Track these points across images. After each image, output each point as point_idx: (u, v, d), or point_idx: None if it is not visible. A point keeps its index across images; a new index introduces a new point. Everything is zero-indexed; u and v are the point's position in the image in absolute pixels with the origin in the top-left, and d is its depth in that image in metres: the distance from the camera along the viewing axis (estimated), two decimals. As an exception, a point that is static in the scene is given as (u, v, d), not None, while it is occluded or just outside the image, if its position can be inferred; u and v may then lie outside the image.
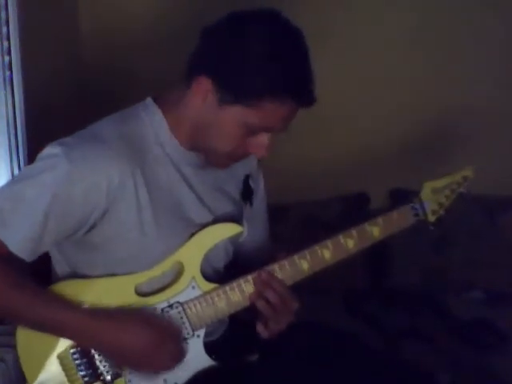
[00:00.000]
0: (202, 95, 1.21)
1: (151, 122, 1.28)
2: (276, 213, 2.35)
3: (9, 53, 1.78)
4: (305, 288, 1.33)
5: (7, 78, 1.79)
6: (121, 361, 1.25)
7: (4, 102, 1.80)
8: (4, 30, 1.77)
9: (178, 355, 1.26)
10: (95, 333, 1.20)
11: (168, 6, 2.34)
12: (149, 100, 1.31)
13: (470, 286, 2.37)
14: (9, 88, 1.80)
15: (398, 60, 2.48)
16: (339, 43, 2.35)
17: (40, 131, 1.88)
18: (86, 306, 1.24)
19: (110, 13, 2.35)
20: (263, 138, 1.23)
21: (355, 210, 2.53)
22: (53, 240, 1.22)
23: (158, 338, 1.22)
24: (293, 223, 2.45)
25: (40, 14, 1.96)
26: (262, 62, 1.16)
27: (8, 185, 1.29)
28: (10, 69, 1.79)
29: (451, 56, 2.49)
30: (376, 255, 2.25)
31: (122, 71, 2.34)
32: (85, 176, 1.18)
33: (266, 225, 1.51)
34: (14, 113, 1.82)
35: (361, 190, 2.57)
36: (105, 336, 1.20)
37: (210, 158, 1.28)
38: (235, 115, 1.20)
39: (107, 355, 1.25)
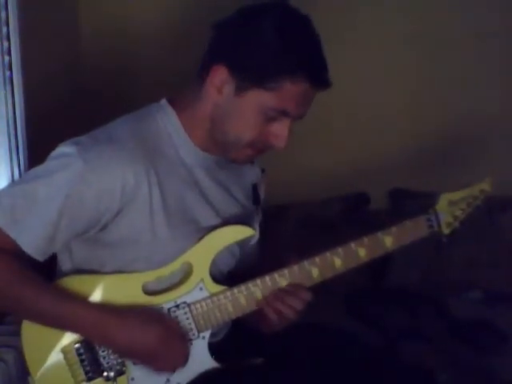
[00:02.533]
0: (217, 87, 1.22)
1: (165, 124, 1.28)
2: (276, 213, 2.37)
3: (9, 53, 1.78)
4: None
5: (7, 78, 1.79)
6: (128, 357, 1.26)
7: (4, 102, 1.80)
8: (4, 30, 1.77)
9: (184, 357, 1.27)
10: (106, 328, 1.20)
11: (168, 9, 2.34)
12: (163, 101, 1.31)
13: (469, 286, 2.37)
14: (9, 88, 1.80)
15: (398, 61, 2.48)
16: (339, 44, 2.35)
17: (40, 131, 1.88)
18: (94, 301, 1.24)
19: (109, 14, 2.35)
20: (282, 128, 1.23)
21: (355, 210, 2.54)
22: (64, 240, 1.22)
23: (168, 337, 1.23)
24: (293, 223, 2.45)
25: (40, 14, 1.95)
26: (278, 44, 1.18)
27: (19, 183, 1.28)
28: (10, 69, 1.79)
29: (451, 57, 2.49)
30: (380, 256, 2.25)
31: (121, 71, 2.34)
32: (99, 178, 1.18)
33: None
34: (14, 113, 1.82)
35: (361, 190, 2.57)
36: (116, 332, 1.20)
37: (231, 152, 1.28)
38: (254, 101, 1.20)
39: (115, 350, 1.25)
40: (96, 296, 1.24)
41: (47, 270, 1.30)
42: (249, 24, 1.20)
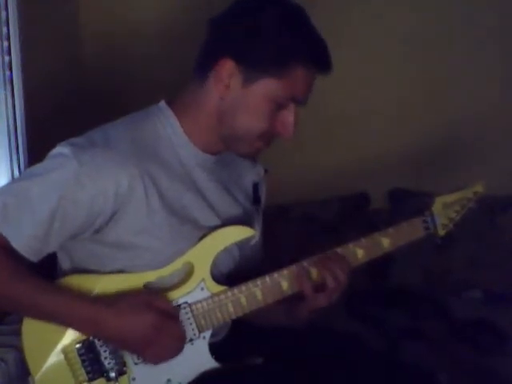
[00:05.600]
0: (224, 82, 1.22)
1: (164, 126, 1.28)
2: (276, 213, 2.36)
3: (9, 53, 1.78)
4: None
5: (7, 78, 1.79)
6: (124, 348, 1.25)
7: (4, 102, 1.80)
8: (4, 29, 1.77)
9: (180, 342, 1.25)
10: (97, 320, 1.20)
11: (169, 9, 2.34)
12: (162, 103, 1.31)
13: (470, 286, 2.37)
14: (9, 88, 1.80)
15: (399, 61, 2.48)
16: (338, 44, 2.35)
17: (40, 131, 1.88)
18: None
19: (109, 14, 2.35)
20: (289, 116, 1.25)
21: (355, 210, 2.54)
22: (58, 241, 1.22)
23: (162, 322, 1.21)
24: (293, 223, 2.45)
25: (40, 14, 1.96)
26: (285, 32, 1.20)
27: (15, 181, 1.28)
28: (10, 69, 1.79)
29: (451, 57, 2.49)
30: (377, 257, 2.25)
31: (121, 72, 2.34)
32: (93, 181, 1.17)
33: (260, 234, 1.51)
34: (14, 113, 1.82)
35: (361, 190, 2.57)
36: (106, 323, 1.19)
37: (240, 146, 1.28)
38: (263, 90, 1.21)
39: (109, 340, 1.24)
40: (96, 295, 1.24)
41: (48, 269, 1.30)
42: (250, 16, 1.21)
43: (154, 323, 1.20)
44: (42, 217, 1.17)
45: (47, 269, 1.30)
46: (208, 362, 1.31)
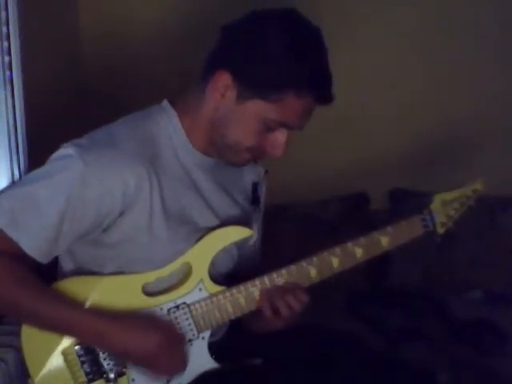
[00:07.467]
0: (220, 91, 1.22)
1: (166, 126, 1.28)
2: (276, 213, 2.36)
3: (9, 53, 1.78)
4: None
5: (7, 78, 1.79)
6: (126, 360, 1.25)
7: (4, 102, 1.80)
8: (4, 29, 1.77)
9: (183, 363, 1.27)
10: (102, 333, 1.20)
11: (168, 9, 2.34)
12: (165, 103, 1.31)
13: (469, 286, 2.37)
14: (9, 88, 1.80)
15: (399, 61, 2.48)
16: (338, 44, 2.35)
17: (40, 131, 1.88)
18: (92, 303, 1.23)
19: (109, 14, 2.36)
20: (280, 137, 1.24)
21: (355, 210, 2.54)
22: (67, 242, 1.22)
23: (168, 343, 1.22)
24: (292, 223, 2.45)
25: (40, 14, 1.96)
26: (285, 57, 1.18)
27: (20, 185, 1.28)
28: (10, 69, 1.80)
29: (451, 57, 2.49)
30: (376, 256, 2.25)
31: (121, 72, 2.34)
32: (99, 180, 1.18)
33: (260, 235, 1.50)
34: (14, 113, 1.82)
35: (361, 190, 2.57)
36: (111, 337, 1.20)
37: (229, 155, 1.28)
38: (255, 110, 1.21)
39: (114, 354, 1.25)
40: (96, 298, 1.24)
41: (48, 270, 1.30)
42: (257, 33, 1.20)
43: (160, 343, 1.21)
44: (51, 220, 1.17)
45: (47, 270, 1.30)
46: (207, 363, 1.31)
